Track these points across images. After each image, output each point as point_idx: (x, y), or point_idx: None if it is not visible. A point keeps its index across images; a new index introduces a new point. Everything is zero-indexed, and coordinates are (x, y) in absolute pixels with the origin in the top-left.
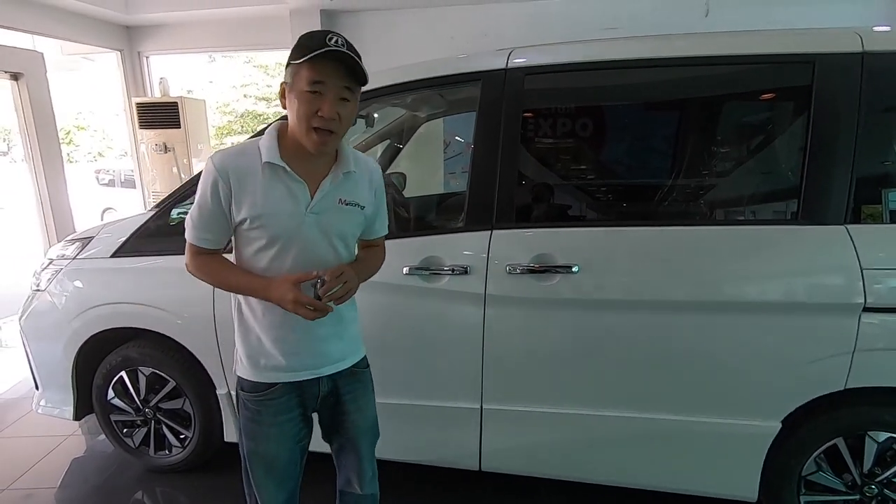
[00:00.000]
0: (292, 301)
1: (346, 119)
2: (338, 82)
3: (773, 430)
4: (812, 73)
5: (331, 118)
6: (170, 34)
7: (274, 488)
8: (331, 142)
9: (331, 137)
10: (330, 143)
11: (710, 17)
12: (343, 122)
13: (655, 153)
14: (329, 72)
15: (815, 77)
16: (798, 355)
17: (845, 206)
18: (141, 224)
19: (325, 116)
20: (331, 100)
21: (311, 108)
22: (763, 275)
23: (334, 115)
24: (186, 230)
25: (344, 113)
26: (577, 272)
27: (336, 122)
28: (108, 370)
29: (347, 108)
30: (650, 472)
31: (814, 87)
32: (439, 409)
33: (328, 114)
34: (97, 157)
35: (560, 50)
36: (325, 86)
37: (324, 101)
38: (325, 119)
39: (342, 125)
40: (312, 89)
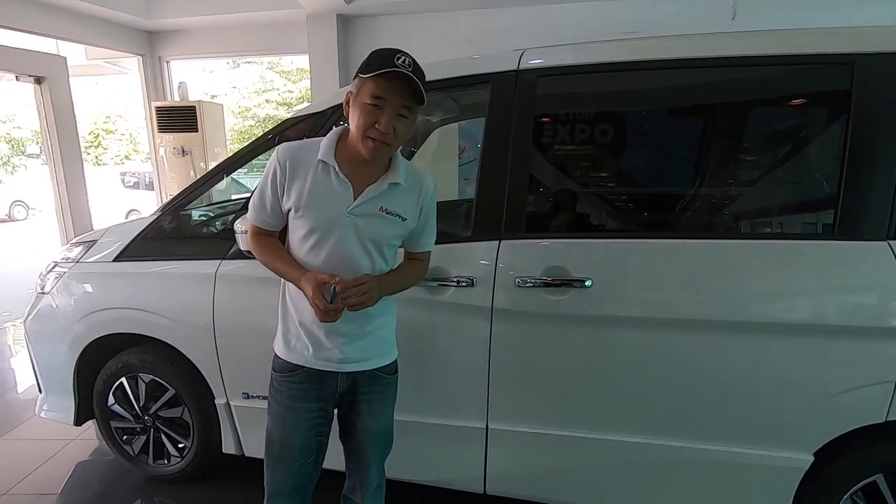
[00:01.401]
0: (310, 298)
1: (401, 134)
2: (398, 100)
3: (804, 464)
4: (851, 75)
5: (386, 132)
6: (189, 39)
7: (281, 473)
8: (383, 152)
9: (384, 148)
10: (382, 152)
11: (736, 21)
12: (398, 137)
13: (677, 161)
14: (391, 89)
15: (854, 79)
16: (833, 383)
17: (888, 220)
18: (143, 228)
19: (381, 129)
20: (389, 115)
21: (370, 119)
22: (795, 294)
23: (390, 130)
24: (248, 210)
25: (400, 128)
26: (591, 286)
27: (391, 135)
28: (108, 376)
29: (404, 125)
30: (667, 503)
31: (853, 89)
32: (442, 427)
33: (385, 127)
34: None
35: (575, 50)
36: (386, 101)
37: (382, 115)
38: (381, 132)
39: (397, 139)
40: (374, 103)
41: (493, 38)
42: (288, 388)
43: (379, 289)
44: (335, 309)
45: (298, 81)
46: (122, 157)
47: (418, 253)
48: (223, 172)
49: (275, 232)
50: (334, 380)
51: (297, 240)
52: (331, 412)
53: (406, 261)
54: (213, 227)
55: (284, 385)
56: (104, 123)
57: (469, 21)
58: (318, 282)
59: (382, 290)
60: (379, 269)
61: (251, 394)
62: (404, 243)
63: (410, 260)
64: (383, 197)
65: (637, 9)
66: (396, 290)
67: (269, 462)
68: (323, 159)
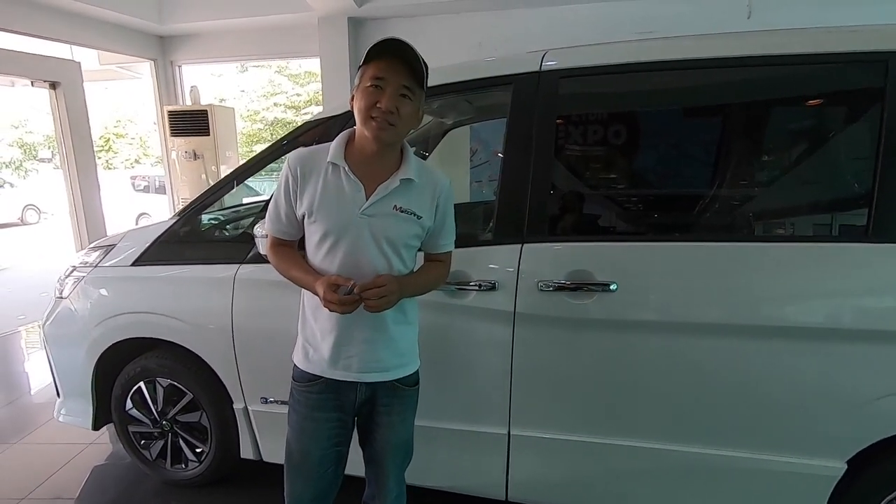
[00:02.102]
0: (322, 297)
1: (405, 116)
2: (397, 79)
3: (837, 472)
4: (885, 74)
5: (388, 110)
6: (201, 44)
7: (301, 484)
8: (389, 133)
9: (389, 129)
10: (388, 133)
11: (752, 20)
12: (403, 119)
13: (704, 162)
14: (390, 69)
15: (888, 77)
16: (868, 388)
17: None
18: (162, 232)
19: (383, 108)
20: (390, 94)
21: (371, 100)
22: (828, 298)
23: (392, 108)
24: (267, 220)
25: (404, 110)
26: (616, 290)
27: (395, 115)
28: (126, 380)
29: (408, 107)
30: None
31: (887, 88)
32: (464, 433)
33: (386, 106)
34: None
35: (599, 51)
36: (385, 81)
37: (383, 95)
38: (384, 111)
39: (402, 121)
40: (374, 84)
41: (505, 39)
42: (307, 398)
43: (399, 289)
44: (351, 300)
45: (306, 85)
46: (133, 160)
47: (438, 254)
48: (240, 177)
49: (293, 241)
50: (353, 390)
51: (312, 246)
52: (350, 422)
53: (426, 263)
54: (231, 231)
55: (303, 395)
56: (114, 127)
57: (480, 22)
58: (333, 282)
59: (402, 292)
60: (397, 272)
61: (269, 398)
62: (423, 244)
63: (431, 262)
64: (396, 194)
65: (650, 8)
66: (417, 293)
67: (288, 472)
68: (333, 161)
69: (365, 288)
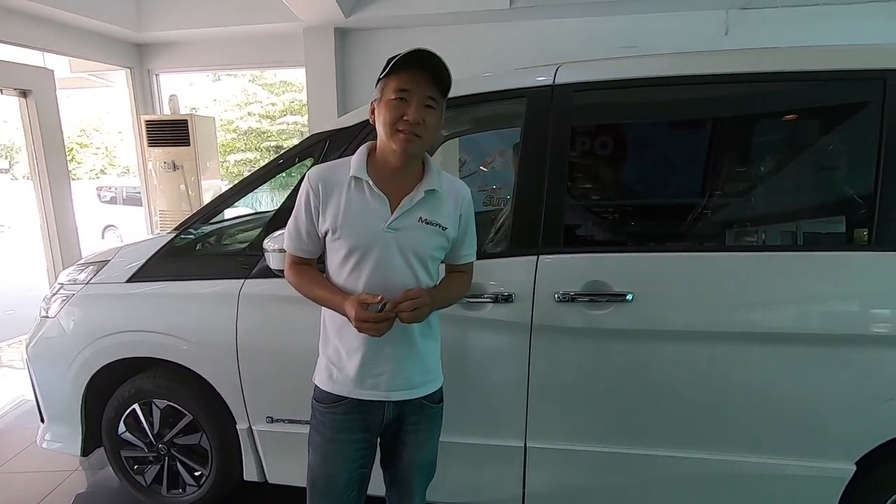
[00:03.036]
0: (354, 318)
1: (431, 127)
2: (423, 90)
3: (847, 474)
4: (883, 90)
5: (416, 122)
6: (181, 52)
7: None
8: (416, 146)
9: (416, 141)
10: (415, 146)
11: (729, 36)
12: (428, 130)
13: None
14: (415, 80)
15: (885, 94)
16: (875, 391)
17: None
18: (160, 247)
19: (410, 120)
20: (416, 105)
21: (398, 113)
22: (835, 304)
23: (419, 120)
24: (284, 240)
25: (429, 120)
26: (632, 301)
27: (421, 126)
28: (119, 402)
29: (433, 117)
30: None
31: (885, 104)
32: (479, 447)
33: (414, 117)
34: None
35: (612, 66)
36: (410, 93)
37: (409, 107)
38: (411, 123)
39: (427, 132)
40: (399, 96)
41: (492, 52)
42: (332, 419)
43: (430, 302)
44: (385, 318)
45: (282, 94)
46: (98, 171)
47: (461, 265)
48: (244, 191)
49: (312, 260)
50: (380, 410)
51: (336, 264)
52: (375, 443)
53: (449, 274)
54: (234, 244)
55: (328, 416)
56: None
57: (468, 35)
58: (362, 301)
59: (433, 304)
60: (424, 285)
61: (276, 417)
62: (446, 256)
63: (453, 273)
64: (421, 206)
65: (634, 24)
66: (445, 305)
67: (312, 498)
68: (356, 175)
69: (397, 302)
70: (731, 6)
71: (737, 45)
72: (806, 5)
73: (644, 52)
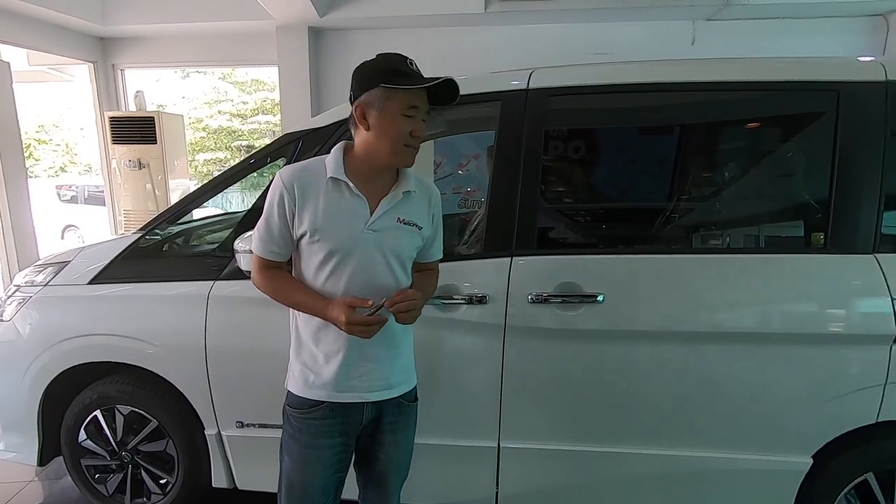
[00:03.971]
0: (345, 322)
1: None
2: (425, 106)
3: (804, 467)
4: (837, 102)
5: (423, 138)
6: (148, 47)
7: None
8: (414, 157)
9: (415, 153)
10: (413, 158)
11: (696, 46)
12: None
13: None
14: (422, 98)
15: (839, 105)
16: (830, 387)
17: (874, 235)
18: (125, 248)
19: (418, 137)
20: (421, 122)
21: (407, 129)
22: (793, 305)
23: (425, 135)
24: (253, 243)
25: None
26: (603, 301)
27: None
28: (80, 409)
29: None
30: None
31: (839, 114)
32: (453, 447)
33: (422, 134)
34: (59, 172)
35: (585, 72)
36: (419, 110)
37: (417, 123)
38: (418, 139)
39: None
40: (410, 113)
41: (468, 56)
42: (309, 425)
43: (423, 300)
44: (378, 321)
45: (253, 93)
46: (58, 168)
47: (430, 263)
48: (213, 191)
49: (282, 263)
50: (360, 411)
51: (312, 268)
52: (352, 445)
53: (422, 273)
54: (203, 245)
55: (304, 422)
56: (36, 133)
57: (443, 38)
58: (350, 303)
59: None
60: (402, 284)
61: (246, 422)
62: (417, 254)
63: (425, 271)
64: (399, 207)
65: (607, 32)
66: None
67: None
68: (334, 176)
69: (395, 302)
70: (698, 17)
71: (703, 54)
72: (768, 18)
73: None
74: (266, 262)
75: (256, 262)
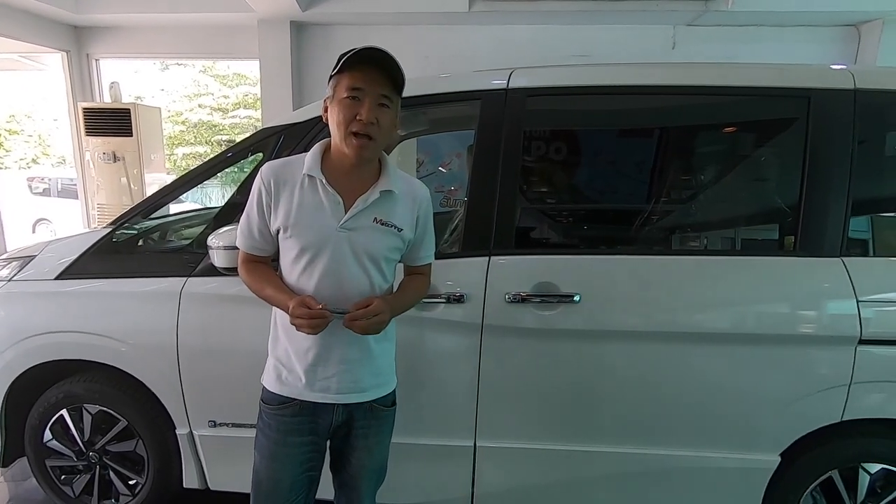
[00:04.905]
0: (290, 315)
1: (385, 127)
2: (376, 88)
3: (772, 465)
4: (808, 108)
5: (369, 122)
6: (124, 37)
7: None
8: (370, 148)
9: (370, 143)
10: (370, 148)
11: (677, 50)
12: (382, 130)
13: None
14: (368, 79)
15: (810, 111)
16: (797, 387)
17: (841, 238)
18: (94, 242)
19: (363, 120)
20: (369, 105)
21: (350, 113)
22: (763, 307)
23: (373, 119)
24: (237, 237)
25: (383, 120)
26: (579, 301)
27: (374, 126)
28: (45, 408)
29: (387, 116)
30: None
31: (809, 120)
32: (429, 447)
33: (367, 117)
34: (31, 164)
35: (565, 73)
36: (364, 91)
37: (362, 106)
38: (364, 123)
39: (381, 132)
40: (351, 95)
41: (451, 55)
42: (279, 421)
43: (389, 311)
44: (320, 315)
45: (235, 87)
46: (30, 160)
47: (419, 266)
48: (188, 185)
49: (266, 258)
50: (329, 413)
51: (288, 263)
52: (323, 446)
53: (408, 277)
54: (176, 241)
55: (275, 419)
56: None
57: (427, 37)
58: (304, 302)
59: (393, 311)
60: (378, 287)
61: (219, 421)
62: (403, 257)
63: (412, 275)
64: (376, 207)
65: (587, 34)
66: (405, 309)
67: (257, 500)
68: (309, 173)
69: (353, 318)
70: (679, 22)
71: (684, 58)
72: (747, 25)
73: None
74: (248, 255)
75: (241, 255)
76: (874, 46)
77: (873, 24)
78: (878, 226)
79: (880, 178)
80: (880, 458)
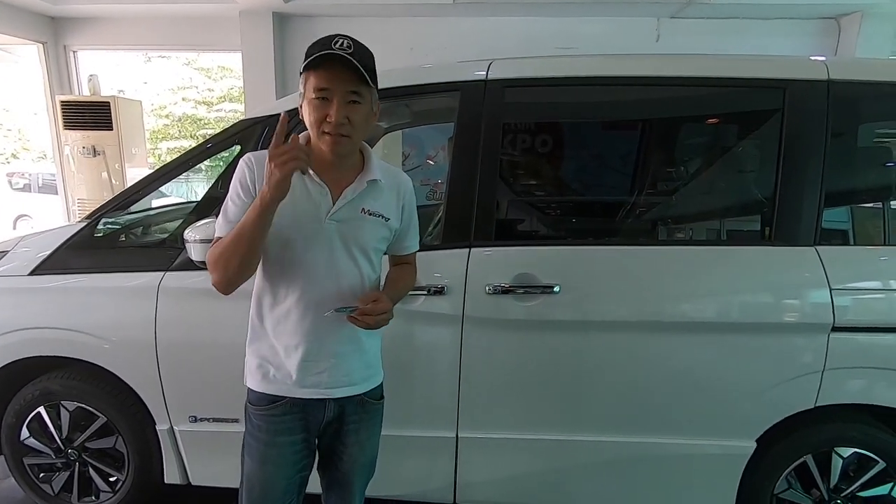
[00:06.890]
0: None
1: (358, 123)
2: (342, 87)
3: (748, 451)
4: (783, 99)
5: (339, 123)
6: (102, 28)
7: None
8: (345, 146)
9: (344, 141)
10: (344, 146)
11: (660, 43)
12: (356, 126)
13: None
14: (333, 78)
15: (785, 102)
16: (773, 374)
17: (815, 228)
18: (69, 236)
19: (332, 122)
20: (337, 104)
21: (320, 114)
22: (740, 295)
23: (343, 120)
24: (217, 225)
25: (355, 117)
26: (559, 292)
27: (347, 125)
28: (22, 406)
29: (359, 112)
30: (632, 497)
31: (785, 111)
32: (411, 438)
33: (336, 118)
34: (10, 159)
35: (544, 63)
36: (331, 91)
37: (331, 107)
38: (334, 124)
39: (356, 129)
40: (319, 96)
41: (436, 47)
42: (269, 422)
43: (391, 304)
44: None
45: (220, 80)
46: (9, 155)
47: (406, 256)
48: (166, 177)
49: None
50: (321, 409)
51: (273, 254)
52: (314, 444)
53: (397, 267)
54: (154, 235)
55: (264, 419)
56: None
57: (411, 28)
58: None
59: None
60: (367, 277)
61: (199, 416)
62: (389, 248)
63: (401, 265)
64: (363, 197)
65: (572, 26)
66: (399, 299)
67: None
68: None
69: (363, 313)
70: (663, 15)
71: (667, 51)
72: (729, 18)
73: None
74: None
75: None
76: (853, 39)
77: (852, 16)
78: (857, 216)
79: (854, 168)
80: (852, 442)
